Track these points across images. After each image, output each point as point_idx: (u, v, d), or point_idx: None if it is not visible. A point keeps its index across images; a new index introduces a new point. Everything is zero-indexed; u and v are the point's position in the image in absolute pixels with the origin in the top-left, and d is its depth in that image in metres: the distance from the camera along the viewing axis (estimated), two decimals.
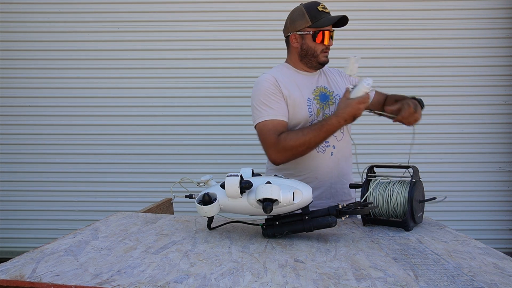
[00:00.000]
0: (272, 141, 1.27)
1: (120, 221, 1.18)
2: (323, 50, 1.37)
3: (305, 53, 1.39)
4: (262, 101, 1.33)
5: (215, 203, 0.96)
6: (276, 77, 1.37)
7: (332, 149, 1.39)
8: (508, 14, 2.86)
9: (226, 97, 2.91)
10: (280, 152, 1.26)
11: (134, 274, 0.73)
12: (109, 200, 2.94)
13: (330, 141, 1.38)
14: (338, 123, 1.18)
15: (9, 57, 2.92)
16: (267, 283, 0.69)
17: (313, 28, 1.34)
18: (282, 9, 2.90)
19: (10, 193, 2.95)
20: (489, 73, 2.88)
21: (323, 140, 1.22)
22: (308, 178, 1.37)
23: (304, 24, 1.35)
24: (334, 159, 1.39)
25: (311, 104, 1.36)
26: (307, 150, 1.24)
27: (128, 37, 2.91)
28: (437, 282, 0.70)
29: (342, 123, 1.18)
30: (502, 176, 2.89)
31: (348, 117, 1.17)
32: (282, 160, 1.28)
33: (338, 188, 1.41)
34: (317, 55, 1.37)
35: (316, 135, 1.21)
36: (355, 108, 1.16)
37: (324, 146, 1.37)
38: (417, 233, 1.05)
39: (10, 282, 0.70)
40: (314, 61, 1.39)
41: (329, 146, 1.38)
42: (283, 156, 1.27)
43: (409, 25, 2.89)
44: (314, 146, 1.24)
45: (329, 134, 1.21)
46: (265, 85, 1.36)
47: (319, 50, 1.37)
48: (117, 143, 2.93)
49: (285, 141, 1.24)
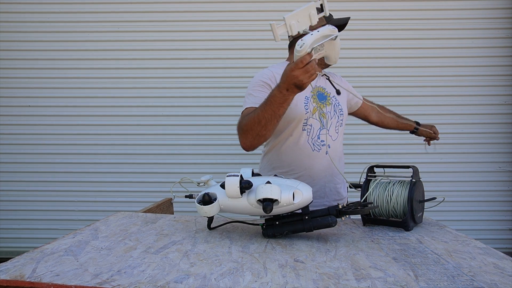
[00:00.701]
0: (237, 127, 1.25)
1: (120, 221, 1.18)
2: None
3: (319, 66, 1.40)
4: (249, 92, 1.34)
5: (215, 203, 0.96)
6: (274, 73, 1.37)
7: (327, 148, 1.39)
8: (508, 14, 2.86)
9: (226, 97, 2.91)
10: (242, 136, 1.23)
11: (134, 274, 0.73)
12: (109, 200, 2.94)
13: (325, 140, 1.38)
14: (280, 93, 1.06)
15: (9, 57, 2.92)
16: (267, 283, 0.69)
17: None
18: (282, 9, 2.92)
19: (10, 193, 2.95)
20: (489, 73, 2.88)
21: (272, 114, 1.11)
22: (302, 176, 1.37)
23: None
24: (328, 158, 1.39)
25: (308, 102, 1.37)
26: (262, 128, 1.15)
27: (128, 37, 2.91)
28: (437, 282, 0.70)
29: (284, 93, 1.05)
30: (502, 176, 2.89)
31: (287, 86, 1.03)
32: (246, 143, 1.23)
33: (331, 187, 1.41)
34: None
35: (263, 110, 1.13)
36: (289, 76, 1.00)
37: (319, 145, 1.37)
38: (417, 233, 1.05)
39: (10, 282, 0.70)
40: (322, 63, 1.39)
41: (324, 145, 1.38)
42: (246, 140, 1.22)
43: (409, 25, 2.89)
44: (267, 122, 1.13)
45: (276, 107, 1.10)
46: (258, 77, 1.37)
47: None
48: (117, 143, 2.93)
49: (241, 124, 1.22)
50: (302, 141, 1.36)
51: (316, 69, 0.99)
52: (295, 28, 1.03)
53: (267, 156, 1.46)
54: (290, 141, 1.37)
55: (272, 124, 1.14)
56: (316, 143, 1.37)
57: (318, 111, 1.37)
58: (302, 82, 1.00)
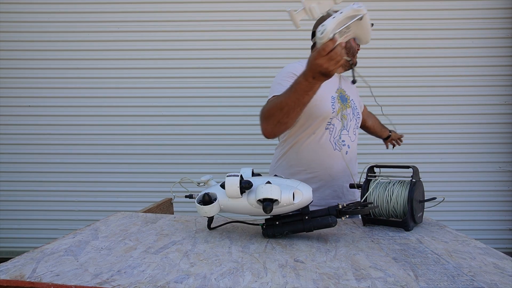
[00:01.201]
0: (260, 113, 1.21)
1: (120, 221, 1.18)
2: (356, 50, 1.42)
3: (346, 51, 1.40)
4: (278, 82, 1.28)
5: (215, 203, 0.96)
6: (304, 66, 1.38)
7: (347, 148, 1.40)
8: (508, 14, 2.86)
9: (226, 97, 2.91)
10: (263, 122, 1.18)
11: (134, 274, 0.73)
12: (109, 200, 2.94)
13: (346, 140, 1.39)
14: (306, 80, 1.00)
15: (9, 57, 2.92)
16: (267, 283, 0.69)
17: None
18: (281, 9, 2.92)
19: (10, 193, 2.95)
20: (489, 73, 2.88)
21: (296, 101, 1.06)
22: (321, 175, 1.37)
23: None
24: (347, 159, 1.40)
25: (334, 102, 1.37)
26: (284, 116, 1.10)
27: (128, 37, 2.91)
28: (437, 282, 0.70)
29: (310, 81, 0.99)
30: (502, 176, 2.89)
31: (313, 74, 0.97)
32: (267, 129, 1.18)
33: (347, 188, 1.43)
34: (355, 55, 1.42)
35: (286, 96, 1.08)
36: (313, 65, 0.95)
37: (341, 145, 1.38)
38: (417, 233, 1.05)
39: (10, 282, 0.70)
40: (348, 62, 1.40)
41: (345, 145, 1.40)
42: (267, 126, 1.17)
43: (409, 25, 2.89)
44: (289, 110, 1.08)
45: (300, 94, 1.04)
46: (289, 69, 1.33)
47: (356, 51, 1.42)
48: (117, 143, 2.93)
49: (263, 111, 1.18)
50: (324, 140, 1.36)
51: (342, 54, 0.92)
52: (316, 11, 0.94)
53: (286, 155, 1.44)
54: (311, 138, 1.36)
55: (295, 112, 1.09)
56: (337, 142, 1.38)
57: (341, 112, 1.39)
58: (327, 70, 0.94)
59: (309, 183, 1.37)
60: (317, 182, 1.38)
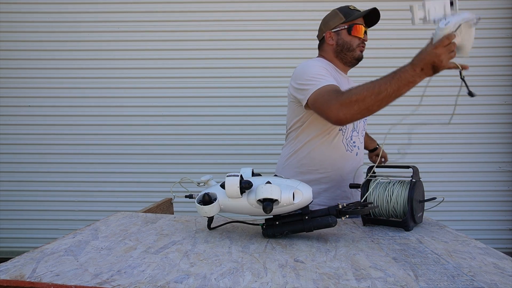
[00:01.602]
0: (334, 97, 1.13)
1: (120, 221, 1.18)
2: (358, 44, 1.40)
3: (341, 48, 1.41)
4: (316, 74, 1.25)
5: (215, 203, 0.96)
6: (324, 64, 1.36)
7: (357, 150, 1.42)
8: (508, 14, 2.86)
9: (226, 97, 2.91)
10: (344, 106, 1.10)
11: (134, 274, 0.73)
12: (109, 200, 2.94)
13: (356, 142, 1.42)
14: (413, 70, 1.00)
15: (9, 57, 2.92)
16: (267, 283, 0.69)
17: (347, 23, 1.39)
18: (281, 9, 2.92)
19: (10, 193, 2.95)
20: (489, 73, 2.88)
21: (396, 90, 1.03)
22: (332, 176, 1.37)
23: (338, 21, 1.40)
24: (357, 160, 1.42)
25: None
26: (377, 102, 1.05)
27: (128, 37, 2.91)
28: (437, 282, 0.70)
29: (417, 71, 0.99)
30: (502, 176, 2.89)
31: (424, 64, 0.97)
32: (346, 114, 1.10)
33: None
34: (354, 49, 1.40)
35: (387, 82, 1.04)
36: (431, 54, 0.95)
37: (352, 146, 1.40)
38: (417, 233, 1.05)
39: (10, 282, 0.70)
40: (349, 56, 1.42)
41: (355, 146, 1.42)
42: (348, 110, 1.10)
43: (409, 25, 2.88)
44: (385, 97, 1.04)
45: (403, 83, 1.02)
46: (317, 63, 1.33)
47: (355, 44, 1.40)
48: (117, 143, 2.93)
49: (349, 93, 1.10)
50: (337, 140, 1.37)
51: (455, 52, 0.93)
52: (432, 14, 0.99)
53: (297, 153, 1.43)
54: (325, 139, 1.37)
55: (389, 101, 1.05)
56: (349, 144, 1.39)
57: None
58: (442, 62, 0.94)
59: (320, 183, 1.38)
60: (328, 183, 1.39)
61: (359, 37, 1.39)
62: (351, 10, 1.40)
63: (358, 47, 1.40)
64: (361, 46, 1.41)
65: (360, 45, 1.40)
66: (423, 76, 1.00)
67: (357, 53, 1.41)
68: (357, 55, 1.41)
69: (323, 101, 1.16)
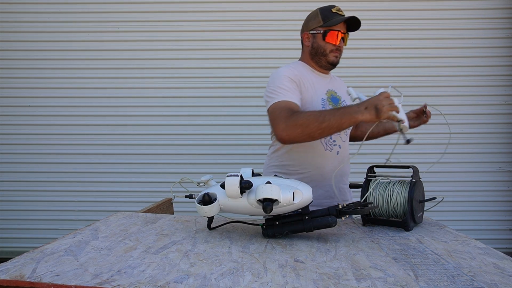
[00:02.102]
0: (284, 116, 1.20)
1: (120, 221, 1.18)
2: (332, 50, 1.39)
3: (315, 51, 1.41)
4: (279, 86, 1.29)
5: (215, 203, 0.96)
6: (296, 70, 1.37)
7: (338, 149, 1.42)
8: (508, 14, 2.86)
9: (226, 97, 2.91)
10: (289, 127, 1.17)
11: (134, 274, 0.73)
12: (109, 200, 2.94)
13: (337, 141, 1.41)
14: (358, 107, 1.08)
15: (9, 57, 2.92)
16: (267, 283, 0.69)
17: (324, 28, 1.38)
18: (281, 9, 2.92)
19: (10, 193, 2.95)
20: (489, 73, 2.88)
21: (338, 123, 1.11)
22: (313, 175, 1.38)
23: (316, 24, 1.39)
24: (339, 159, 1.41)
25: (325, 104, 1.38)
26: (318, 131, 1.13)
27: (128, 37, 2.91)
28: (437, 282, 0.70)
29: (361, 109, 1.07)
30: (502, 176, 2.89)
31: (368, 104, 1.07)
32: (289, 136, 1.18)
33: (340, 188, 1.43)
34: (326, 54, 1.39)
35: (331, 114, 1.12)
36: (375, 99, 1.06)
37: (332, 145, 1.39)
38: (417, 233, 1.05)
39: (10, 282, 0.70)
40: (323, 60, 1.41)
41: (336, 145, 1.41)
42: (291, 132, 1.17)
43: (409, 25, 2.89)
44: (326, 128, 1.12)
45: (346, 118, 1.10)
46: (285, 73, 1.34)
47: (328, 49, 1.39)
48: (117, 143, 2.93)
49: (297, 116, 1.17)
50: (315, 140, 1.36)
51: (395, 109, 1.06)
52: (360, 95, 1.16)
53: (277, 153, 1.45)
54: None
55: (330, 131, 1.14)
56: (328, 143, 1.39)
57: None
58: (383, 106, 1.04)
59: None
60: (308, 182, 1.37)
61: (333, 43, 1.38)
62: (332, 13, 1.37)
63: (332, 52, 1.39)
64: (335, 52, 1.39)
65: (334, 51, 1.39)
66: (366, 115, 1.07)
67: (330, 58, 1.40)
68: (331, 60, 1.41)
69: (274, 117, 1.23)
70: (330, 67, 1.44)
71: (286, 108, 1.22)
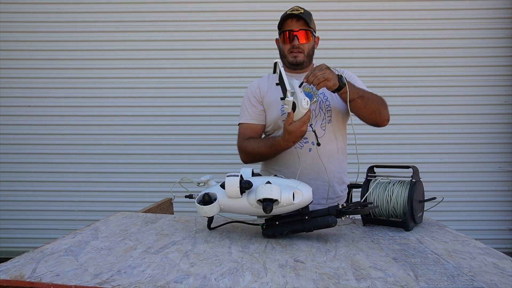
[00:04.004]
0: (239, 144, 1.46)
1: (120, 221, 1.18)
2: (290, 50, 1.43)
3: (280, 55, 1.50)
4: (242, 106, 1.51)
5: (215, 203, 0.96)
6: (259, 84, 1.52)
7: (310, 145, 1.39)
8: (508, 14, 2.86)
9: (226, 97, 2.91)
10: (243, 154, 1.44)
11: (134, 274, 0.73)
12: (109, 200, 2.94)
13: (308, 138, 1.38)
14: (286, 145, 1.25)
15: (9, 57, 2.92)
16: (267, 283, 0.69)
17: (279, 31, 1.46)
18: (281, 9, 2.91)
19: (10, 193, 2.95)
20: (489, 73, 2.88)
21: (274, 155, 1.35)
22: (287, 173, 1.38)
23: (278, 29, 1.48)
24: (313, 156, 1.38)
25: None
26: (263, 158, 1.42)
27: (127, 37, 2.91)
28: (437, 282, 0.70)
29: (290, 145, 1.24)
30: (502, 176, 2.89)
31: (295, 139, 1.20)
32: (246, 161, 1.45)
33: (318, 185, 1.40)
34: (285, 55, 1.46)
35: (266, 151, 1.33)
36: (299, 131, 1.16)
37: (302, 142, 1.39)
38: (417, 233, 1.05)
39: (10, 282, 0.70)
40: (285, 62, 1.47)
41: (307, 142, 1.40)
42: (246, 158, 1.45)
43: (409, 25, 2.89)
44: (268, 157, 1.39)
45: (278, 152, 1.32)
46: (248, 91, 1.52)
47: (286, 50, 1.45)
48: (117, 143, 2.93)
49: (246, 146, 1.41)
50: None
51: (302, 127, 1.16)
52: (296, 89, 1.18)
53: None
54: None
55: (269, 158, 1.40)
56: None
57: None
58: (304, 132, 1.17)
59: None
60: None
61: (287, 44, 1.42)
62: (285, 15, 1.42)
63: (291, 53, 1.43)
64: (294, 52, 1.42)
65: (292, 51, 1.42)
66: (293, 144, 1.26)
67: (289, 59, 1.44)
68: (290, 60, 1.44)
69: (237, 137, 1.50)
70: (293, 67, 1.47)
71: (242, 135, 1.46)
